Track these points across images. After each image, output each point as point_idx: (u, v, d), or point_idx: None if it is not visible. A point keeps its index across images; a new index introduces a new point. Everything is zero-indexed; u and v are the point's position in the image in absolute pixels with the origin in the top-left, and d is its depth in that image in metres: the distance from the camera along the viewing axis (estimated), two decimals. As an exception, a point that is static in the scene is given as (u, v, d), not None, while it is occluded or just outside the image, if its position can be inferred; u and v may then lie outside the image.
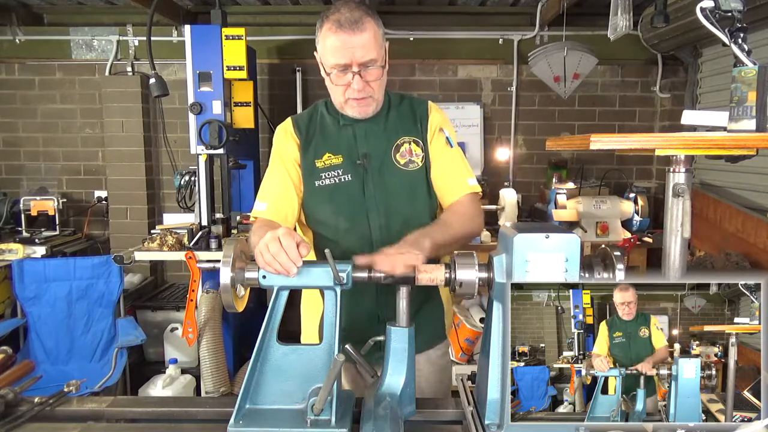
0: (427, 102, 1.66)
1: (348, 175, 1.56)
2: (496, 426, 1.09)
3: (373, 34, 1.46)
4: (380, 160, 1.57)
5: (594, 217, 3.25)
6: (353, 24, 1.42)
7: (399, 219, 1.55)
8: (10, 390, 1.30)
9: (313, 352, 1.17)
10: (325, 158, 1.57)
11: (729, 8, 1.19)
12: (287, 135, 1.62)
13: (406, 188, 1.57)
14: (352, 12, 1.44)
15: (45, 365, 3.09)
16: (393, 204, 1.56)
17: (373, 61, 1.46)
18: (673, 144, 1.12)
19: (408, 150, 1.58)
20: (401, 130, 1.59)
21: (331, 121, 1.61)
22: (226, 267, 1.15)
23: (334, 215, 1.57)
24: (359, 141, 1.58)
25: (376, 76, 1.49)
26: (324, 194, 1.57)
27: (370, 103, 1.53)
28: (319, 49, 1.53)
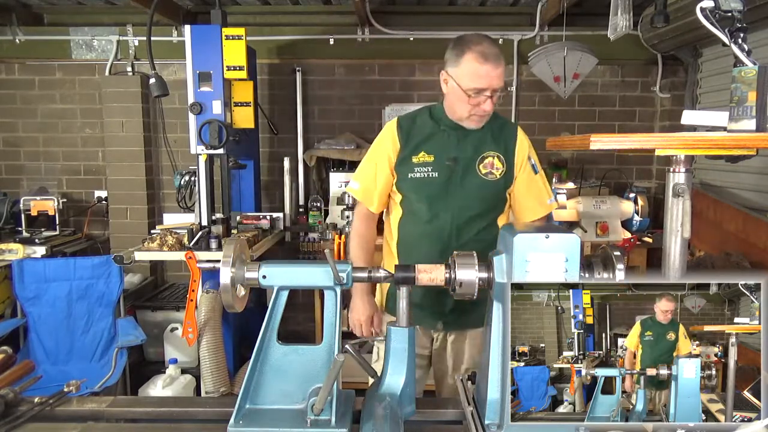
0: (516, 127, 1.96)
1: (436, 172, 1.85)
2: (496, 426, 1.09)
3: (503, 68, 1.77)
4: (466, 166, 1.86)
5: (594, 217, 3.25)
6: (496, 58, 1.74)
7: (467, 216, 1.85)
8: (10, 390, 1.30)
9: (313, 352, 1.17)
10: (420, 155, 1.87)
11: (729, 8, 1.19)
12: (390, 134, 1.93)
13: (479, 193, 1.86)
14: (492, 47, 1.75)
15: (45, 365, 3.09)
16: (465, 203, 1.85)
17: (501, 90, 1.78)
18: (673, 144, 1.12)
19: (490, 163, 1.87)
20: (489, 145, 1.88)
21: (432, 125, 1.91)
22: (226, 267, 1.15)
23: (419, 203, 1.88)
24: (452, 146, 1.87)
25: (497, 100, 1.80)
26: (414, 185, 1.88)
27: (485, 119, 1.84)
28: (453, 72, 1.79)
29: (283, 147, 4.24)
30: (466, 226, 1.86)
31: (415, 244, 1.93)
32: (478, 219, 1.87)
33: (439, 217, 1.86)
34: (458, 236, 1.84)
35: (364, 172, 1.97)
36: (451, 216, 1.85)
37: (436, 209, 1.86)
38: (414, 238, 1.92)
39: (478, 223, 1.86)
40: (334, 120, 4.24)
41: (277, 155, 4.25)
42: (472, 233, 1.86)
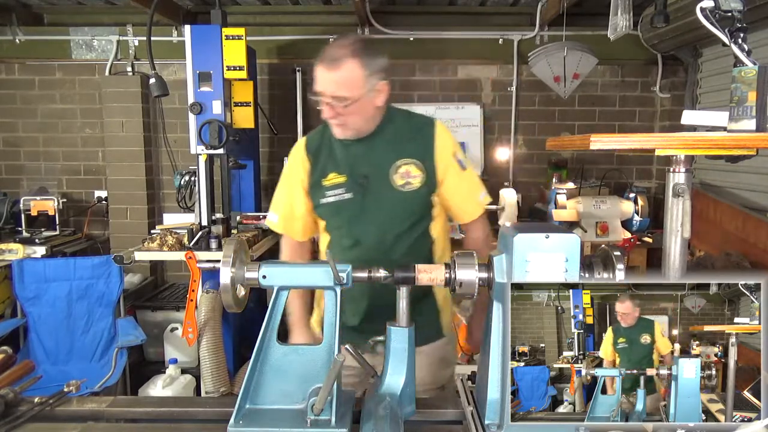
0: (433, 124, 1.73)
1: (350, 193, 1.67)
2: (496, 426, 1.09)
3: (347, 77, 1.56)
4: (379, 181, 1.66)
5: (594, 217, 3.25)
6: (332, 62, 1.55)
7: (392, 234, 1.67)
8: (10, 390, 1.30)
9: (313, 352, 1.17)
10: (330, 177, 1.70)
11: (729, 8, 1.19)
12: (298, 157, 1.76)
13: (400, 208, 1.67)
14: (338, 50, 1.57)
15: (45, 365, 3.09)
16: (387, 221, 1.67)
17: (343, 100, 1.56)
18: (673, 144, 1.12)
19: (406, 172, 1.66)
20: (402, 151, 1.67)
21: (338, 141, 1.70)
22: (226, 267, 1.15)
23: (338, 229, 1.72)
24: (361, 161, 1.68)
25: (346, 112, 1.59)
26: (329, 210, 1.71)
27: (347, 129, 1.63)
28: None
29: (283, 147, 4.24)
30: (394, 245, 1.67)
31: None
32: (405, 235, 1.68)
33: (361, 241, 1.69)
34: (387, 256, 1.63)
35: (280, 201, 1.80)
36: (374, 238, 1.67)
37: (356, 233, 1.69)
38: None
39: (407, 239, 1.68)
40: (334, 120, 4.24)
41: (277, 155, 4.25)
42: (402, 250, 1.67)
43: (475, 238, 1.83)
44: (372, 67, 1.60)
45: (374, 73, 1.61)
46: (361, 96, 1.57)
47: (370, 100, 1.61)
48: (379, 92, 1.62)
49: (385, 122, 1.69)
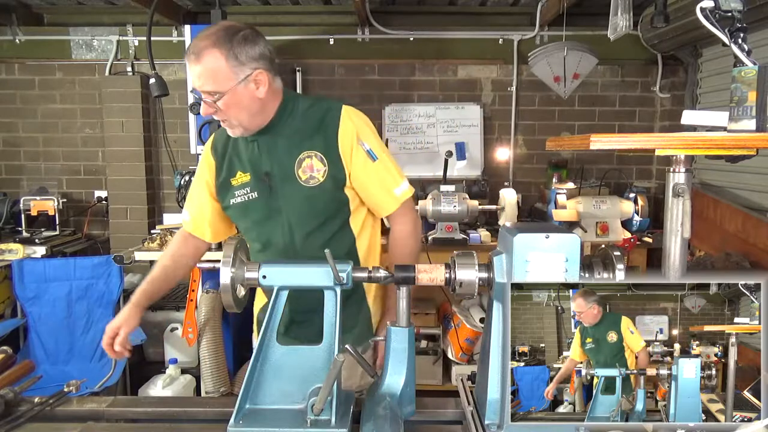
0: (339, 110, 1.60)
1: (255, 192, 1.60)
2: (496, 426, 1.09)
3: (209, 69, 1.44)
4: (283, 176, 1.57)
5: (594, 217, 3.25)
6: (193, 54, 1.45)
7: (302, 233, 1.59)
8: (10, 390, 1.31)
9: (313, 352, 1.17)
10: (238, 176, 1.62)
11: (729, 8, 1.19)
12: (205, 157, 1.69)
13: (307, 204, 1.58)
14: (200, 41, 1.45)
15: (45, 365, 3.09)
16: (295, 220, 1.59)
17: (210, 95, 1.46)
18: (673, 144, 1.12)
19: (309, 165, 1.56)
20: (304, 143, 1.57)
21: (242, 138, 1.62)
22: (226, 267, 1.15)
23: (248, 231, 1.66)
24: (263, 158, 1.59)
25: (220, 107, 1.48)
26: (238, 211, 1.64)
27: (233, 125, 1.53)
28: None
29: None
30: (306, 243, 1.58)
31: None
32: (319, 233, 1.58)
33: (271, 242, 1.61)
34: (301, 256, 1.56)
35: (191, 200, 1.73)
36: (284, 238, 1.59)
37: (266, 235, 1.62)
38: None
39: (319, 237, 1.58)
40: (334, 120, 4.24)
41: (277, 155, 4.24)
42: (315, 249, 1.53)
43: (397, 232, 1.71)
44: (240, 56, 1.47)
45: (245, 63, 1.48)
46: (230, 88, 1.46)
47: (247, 92, 1.49)
48: (257, 82, 1.50)
49: (283, 114, 1.58)
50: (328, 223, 1.60)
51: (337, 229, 1.61)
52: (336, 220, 1.61)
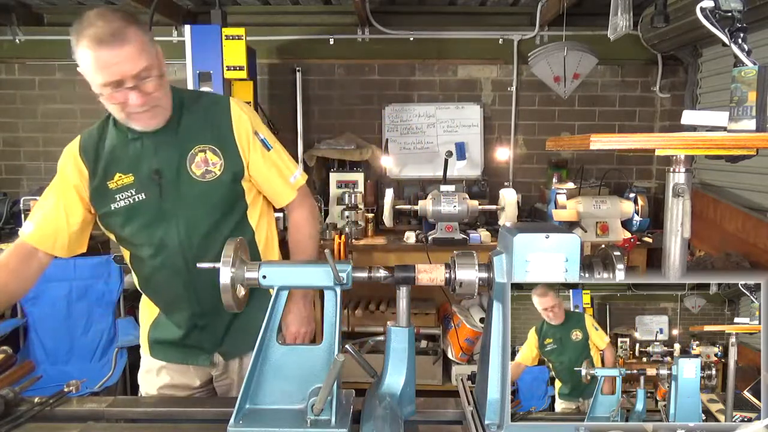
0: (228, 103, 1.56)
1: (142, 194, 1.50)
2: (496, 426, 1.09)
3: (138, 44, 1.35)
4: (174, 174, 1.50)
5: (594, 217, 3.25)
6: (113, 37, 1.31)
7: (201, 232, 1.52)
8: (10, 390, 1.30)
9: (313, 352, 1.17)
10: (116, 179, 1.50)
11: (729, 8, 1.19)
12: (72, 161, 1.55)
13: (204, 201, 1.51)
14: (110, 23, 1.31)
15: (45, 365, 3.09)
16: (193, 218, 1.51)
17: (147, 71, 1.37)
18: (673, 144, 1.12)
19: (203, 159, 1.50)
20: (195, 137, 1.51)
21: (119, 137, 1.52)
22: (226, 267, 1.15)
23: (136, 236, 1.54)
24: (149, 156, 1.50)
25: (154, 87, 1.40)
26: (121, 216, 1.53)
27: (158, 113, 1.45)
28: (81, 67, 1.39)
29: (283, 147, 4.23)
30: (205, 243, 1.51)
31: (157, 285, 1.58)
32: (216, 231, 1.52)
33: (165, 246, 1.51)
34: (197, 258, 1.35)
35: (41, 210, 1.55)
36: (179, 240, 1.50)
37: (158, 238, 1.51)
38: (152, 279, 1.57)
39: (218, 235, 1.51)
40: (334, 120, 4.24)
41: (277, 155, 4.24)
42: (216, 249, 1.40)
43: (296, 218, 1.69)
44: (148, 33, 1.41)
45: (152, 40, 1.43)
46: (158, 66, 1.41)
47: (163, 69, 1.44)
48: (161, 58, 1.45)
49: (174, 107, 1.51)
50: (226, 218, 1.55)
51: (234, 224, 1.56)
52: (234, 215, 1.57)
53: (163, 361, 1.69)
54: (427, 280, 1.18)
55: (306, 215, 1.70)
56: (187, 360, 1.67)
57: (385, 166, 4.13)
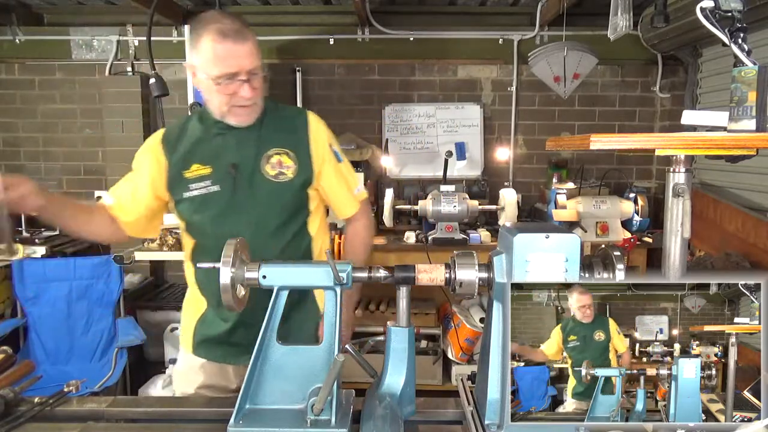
0: (305, 114, 1.67)
1: (217, 185, 1.57)
2: (496, 426, 1.09)
3: (254, 45, 1.50)
4: (250, 171, 1.58)
5: (594, 217, 3.25)
6: (238, 34, 1.46)
7: (267, 231, 1.58)
8: (10, 390, 1.30)
9: (313, 352, 1.17)
10: (193, 168, 1.58)
11: (729, 8, 1.19)
12: (151, 152, 1.64)
13: (274, 199, 1.59)
14: (233, 22, 1.47)
15: (45, 365, 3.09)
16: (261, 215, 1.58)
17: (257, 69, 1.50)
18: (673, 144, 1.12)
19: (278, 162, 1.59)
20: (274, 140, 1.60)
21: (203, 131, 1.62)
22: (226, 267, 1.15)
23: (205, 225, 1.60)
24: (229, 151, 1.59)
25: (260, 85, 1.53)
26: (194, 205, 1.60)
27: (255, 110, 1.56)
28: (195, 60, 1.51)
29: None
30: (269, 242, 1.56)
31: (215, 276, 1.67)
32: (281, 232, 1.59)
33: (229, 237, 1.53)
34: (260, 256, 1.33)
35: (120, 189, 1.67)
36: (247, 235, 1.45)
37: (226, 229, 1.52)
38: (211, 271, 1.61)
39: (282, 237, 1.58)
40: (334, 120, 4.23)
41: (277, 155, 4.24)
42: (278, 249, 1.57)
43: (355, 228, 1.78)
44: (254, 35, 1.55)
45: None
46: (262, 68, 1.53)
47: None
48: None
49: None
50: (291, 221, 1.62)
51: (297, 229, 1.63)
52: (297, 219, 1.64)
53: (205, 358, 1.70)
54: (427, 280, 1.18)
55: (365, 225, 1.79)
56: (229, 359, 1.68)
57: (385, 166, 4.13)
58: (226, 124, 1.57)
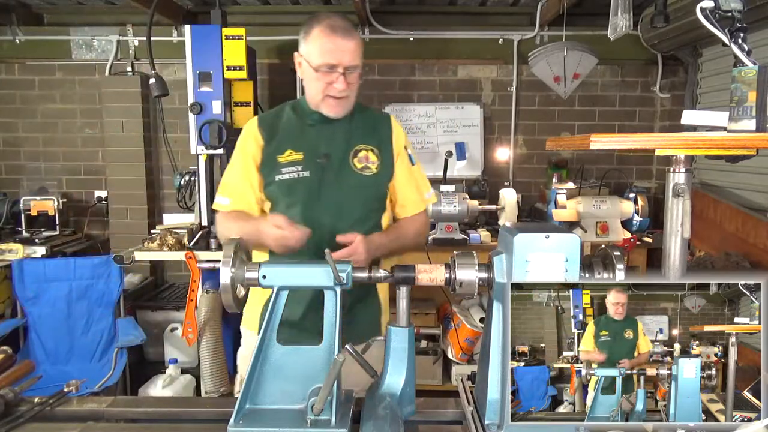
0: (389, 117, 1.80)
1: (307, 171, 1.65)
2: (496, 426, 1.09)
3: (359, 44, 1.63)
4: (339, 161, 1.67)
5: (594, 217, 3.25)
6: (345, 31, 1.61)
7: (349, 219, 1.63)
8: (10, 390, 1.31)
9: (313, 352, 1.17)
10: (287, 154, 1.66)
11: (729, 8, 1.19)
12: (251, 133, 1.71)
13: (359, 191, 1.68)
14: (344, 21, 1.64)
15: (45, 365, 3.09)
16: (345, 204, 1.66)
17: (356, 67, 1.62)
18: (673, 144, 1.12)
19: (365, 156, 1.69)
20: (362, 137, 1.71)
21: (297, 120, 1.72)
22: (226, 267, 1.15)
23: (291, 209, 1.65)
24: (322, 140, 1.68)
25: (355, 80, 1.64)
26: (283, 187, 1.66)
27: (346, 103, 1.65)
28: (303, 50, 1.65)
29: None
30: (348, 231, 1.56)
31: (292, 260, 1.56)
32: (360, 223, 1.62)
33: (317, 223, 1.58)
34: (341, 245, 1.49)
35: (231, 181, 1.72)
36: (330, 220, 1.61)
37: (311, 214, 1.61)
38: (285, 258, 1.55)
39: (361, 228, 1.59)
40: (334, 120, 4.24)
41: (277, 155, 4.24)
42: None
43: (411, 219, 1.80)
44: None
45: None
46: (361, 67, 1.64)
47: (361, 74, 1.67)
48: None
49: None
50: (370, 214, 1.70)
51: (373, 223, 1.70)
52: (376, 213, 1.71)
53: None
54: (427, 280, 1.18)
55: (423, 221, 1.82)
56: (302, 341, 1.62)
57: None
58: (320, 116, 1.67)
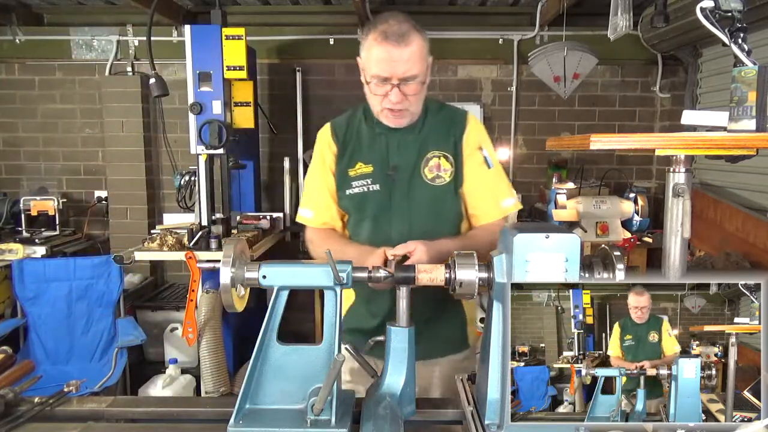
0: (465, 115, 1.64)
1: (377, 184, 1.58)
2: (496, 426, 1.09)
3: (418, 50, 1.46)
4: (409, 173, 1.58)
5: (594, 217, 3.25)
6: (399, 37, 1.43)
7: (420, 232, 1.53)
8: (10, 390, 1.30)
9: (313, 352, 1.17)
10: (357, 167, 1.60)
11: (729, 8, 1.18)
12: (326, 143, 1.65)
13: (430, 203, 1.58)
14: (401, 25, 1.44)
15: (45, 365, 3.09)
16: (416, 217, 1.57)
17: (414, 77, 1.46)
18: (673, 144, 1.12)
19: (436, 165, 1.58)
20: (433, 143, 1.59)
21: (367, 128, 1.62)
22: (226, 267, 1.15)
23: (361, 222, 1.61)
24: (391, 152, 1.59)
25: (414, 91, 1.49)
26: (354, 202, 1.60)
27: (404, 115, 1.53)
28: (363, 56, 1.52)
29: (283, 147, 4.24)
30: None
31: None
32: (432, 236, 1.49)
33: (387, 238, 1.53)
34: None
35: (313, 193, 1.67)
36: (402, 237, 1.50)
37: (383, 230, 1.56)
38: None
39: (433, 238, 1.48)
40: (334, 120, 4.24)
41: (277, 155, 4.25)
42: None
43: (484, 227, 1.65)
44: (427, 44, 1.51)
45: (429, 51, 1.53)
46: (424, 74, 1.50)
47: (427, 79, 1.53)
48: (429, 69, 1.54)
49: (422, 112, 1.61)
50: (444, 225, 1.60)
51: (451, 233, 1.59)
52: (452, 224, 1.61)
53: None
54: (427, 280, 1.18)
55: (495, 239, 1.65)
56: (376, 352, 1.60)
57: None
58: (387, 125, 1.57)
